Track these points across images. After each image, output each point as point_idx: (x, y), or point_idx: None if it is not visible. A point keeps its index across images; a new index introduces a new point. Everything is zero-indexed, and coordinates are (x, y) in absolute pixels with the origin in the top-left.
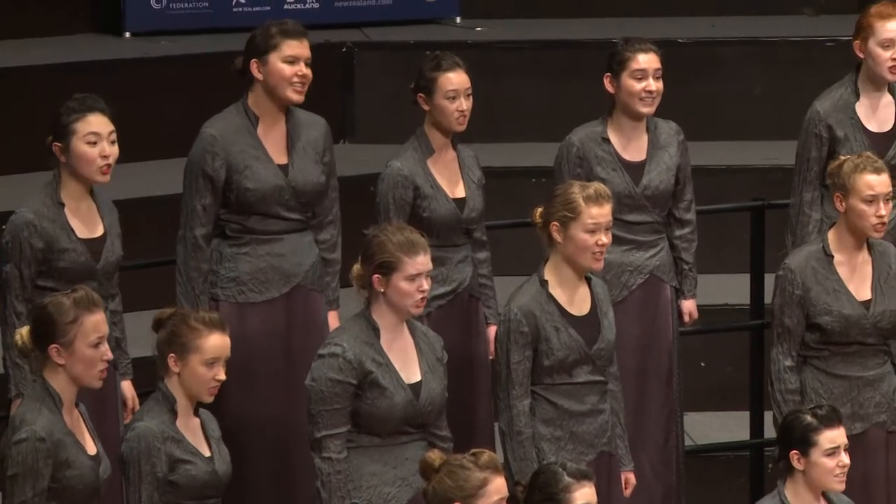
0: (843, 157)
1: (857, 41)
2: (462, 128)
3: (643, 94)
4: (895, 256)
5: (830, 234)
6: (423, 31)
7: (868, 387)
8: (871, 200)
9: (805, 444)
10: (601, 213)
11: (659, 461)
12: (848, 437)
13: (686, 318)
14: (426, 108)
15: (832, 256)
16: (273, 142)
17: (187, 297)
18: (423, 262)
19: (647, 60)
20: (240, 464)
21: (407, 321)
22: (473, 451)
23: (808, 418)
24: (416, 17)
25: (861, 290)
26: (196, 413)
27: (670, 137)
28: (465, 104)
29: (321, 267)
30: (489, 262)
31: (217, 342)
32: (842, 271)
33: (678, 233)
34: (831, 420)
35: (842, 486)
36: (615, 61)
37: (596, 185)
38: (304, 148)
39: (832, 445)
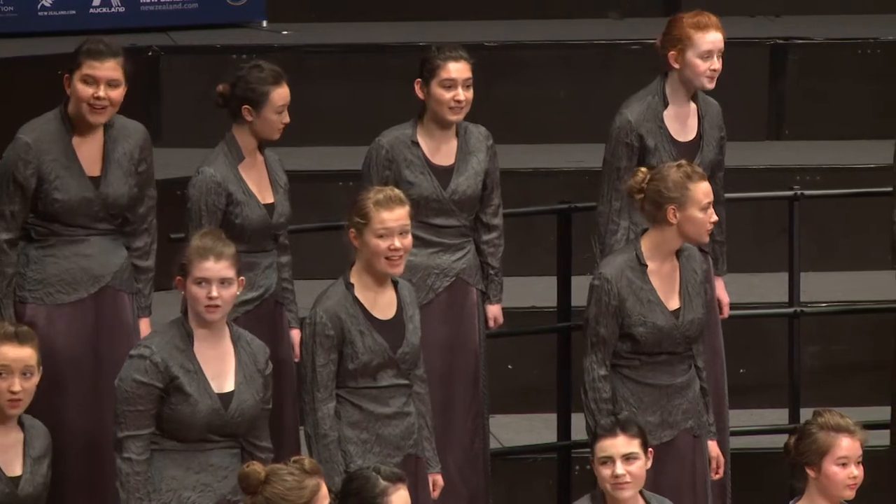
0: (659, 170)
1: (672, 52)
2: (276, 137)
3: (452, 104)
4: (700, 261)
5: (644, 242)
6: (230, 34)
7: (676, 394)
8: (707, 208)
9: (592, 454)
10: (391, 217)
11: (465, 463)
12: (658, 445)
13: (491, 324)
14: (249, 119)
15: (646, 265)
16: (87, 152)
17: None
18: (208, 267)
19: (457, 70)
20: (54, 467)
21: (232, 330)
22: (294, 458)
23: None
24: (222, 21)
25: (671, 299)
26: (22, 427)
27: (479, 142)
28: (287, 116)
29: (132, 271)
30: (290, 265)
31: (8, 353)
32: (654, 280)
33: (485, 238)
34: (606, 430)
35: (623, 493)
36: (426, 68)
37: (388, 190)
38: (119, 160)
39: (604, 455)
